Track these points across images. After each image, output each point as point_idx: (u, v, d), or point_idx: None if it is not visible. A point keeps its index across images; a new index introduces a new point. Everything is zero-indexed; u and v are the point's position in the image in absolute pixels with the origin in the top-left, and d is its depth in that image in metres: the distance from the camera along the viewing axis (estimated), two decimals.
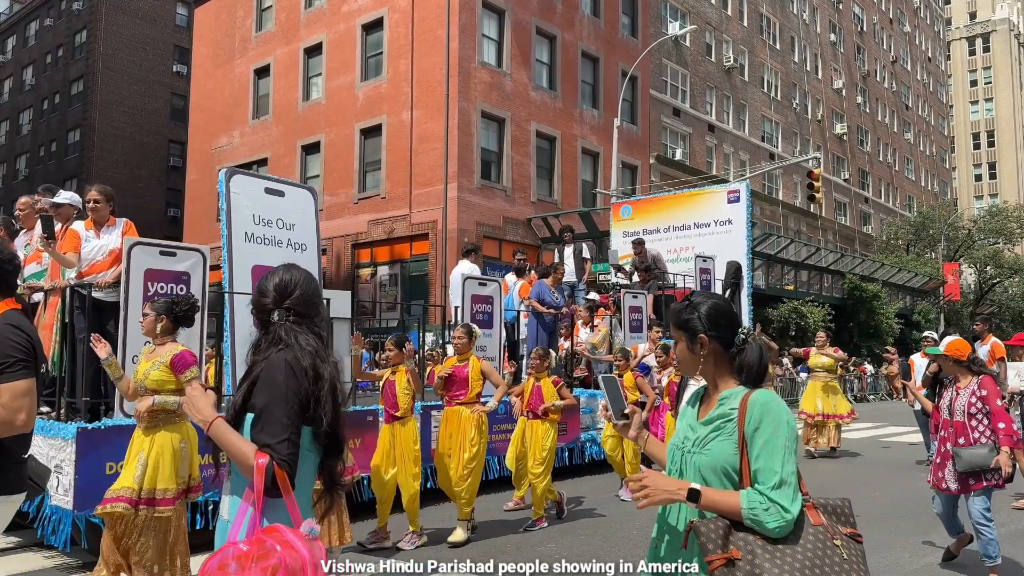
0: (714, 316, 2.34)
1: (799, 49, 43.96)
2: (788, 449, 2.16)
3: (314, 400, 2.28)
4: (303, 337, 2.36)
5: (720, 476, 2.23)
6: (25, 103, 49.45)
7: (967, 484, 5.24)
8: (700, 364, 2.36)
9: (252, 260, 7.68)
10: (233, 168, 8.08)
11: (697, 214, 15.91)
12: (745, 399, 2.23)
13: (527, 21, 26.11)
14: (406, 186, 24.48)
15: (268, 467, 2.16)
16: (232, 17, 31.02)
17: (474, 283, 9.68)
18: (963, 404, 5.32)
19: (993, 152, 77.71)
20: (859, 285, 33.04)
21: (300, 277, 2.48)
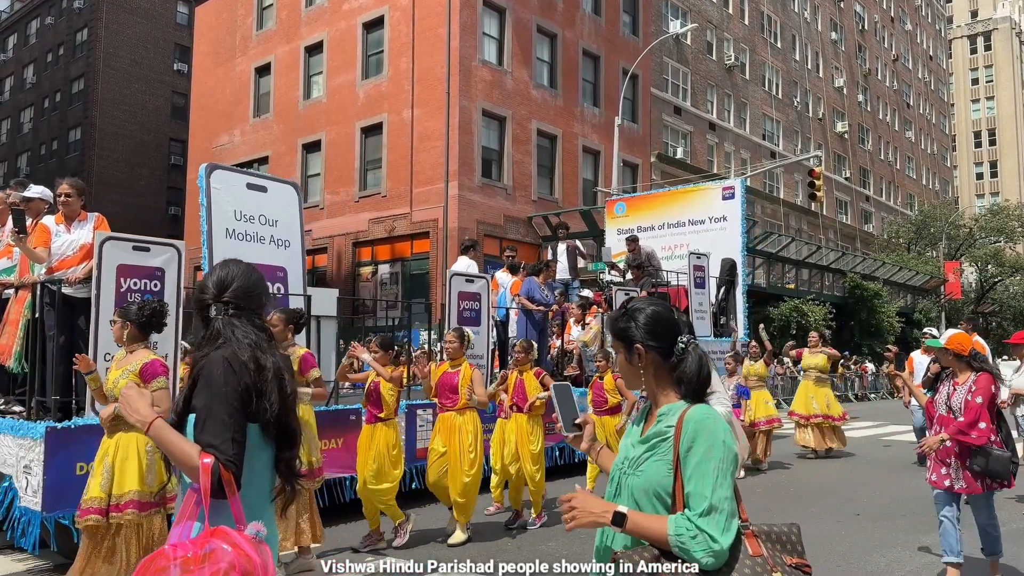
0: (652, 324, 2.15)
1: (800, 47, 43.92)
2: (722, 472, 1.97)
3: (256, 394, 2.22)
4: (241, 330, 2.30)
5: (652, 500, 2.05)
6: (26, 101, 49.46)
7: (974, 484, 5.06)
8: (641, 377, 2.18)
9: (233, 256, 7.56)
10: (214, 163, 7.97)
11: (692, 211, 15.76)
12: (682, 416, 2.05)
13: (528, 19, 26.09)
14: (407, 184, 24.47)
15: (214, 468, 2.09)
16: (233, 15, 31.00)
17: (461, 280, 9.48)
18: (960, 401, 5.16)
19: (994, 150, 77.63)
20: (860, 284, 33.01)
21: (239, 271, 2.43)
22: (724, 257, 14.36)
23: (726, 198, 15.24)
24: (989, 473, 4.98)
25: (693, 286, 13.20)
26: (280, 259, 8.05)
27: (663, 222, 16.03)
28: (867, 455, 12.37)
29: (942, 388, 5.34)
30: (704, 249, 14.25)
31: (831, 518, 7.66)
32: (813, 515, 7.81)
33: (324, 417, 7.27)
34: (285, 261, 8.10)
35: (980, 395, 5.02)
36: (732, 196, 15.17)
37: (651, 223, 16.12)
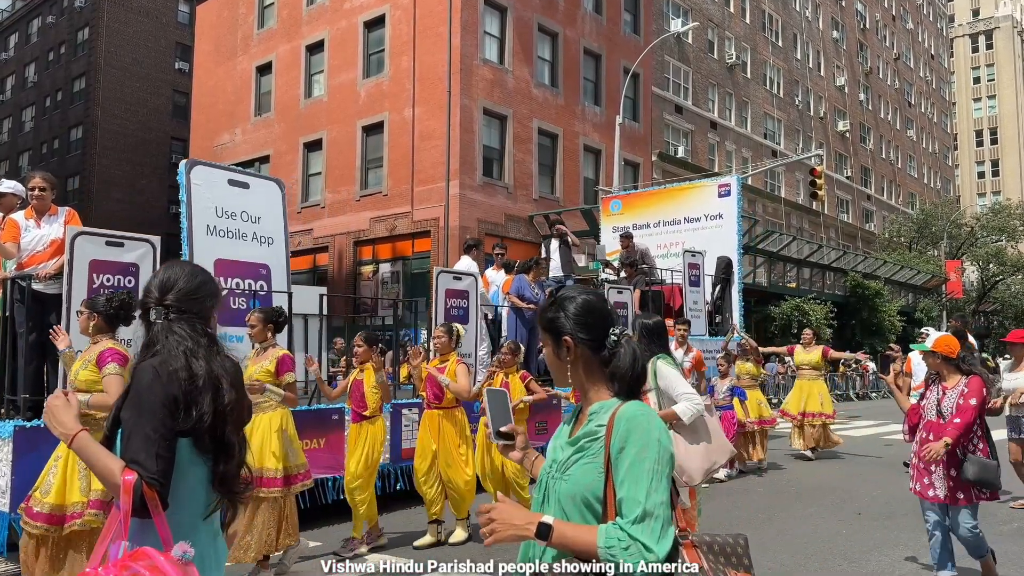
0: (582, 315, 2.00)
1: (801, 46, 43.88)
2: (657, 474, 1.80)
3: (185, 405, 2.08)
4: (177, 336, 2.17)
5: (581, 507, 1.88)
6: (27, 100, 49.48)
7: (956, 496, 4.87)
8: (569, 371, 2.01)
9: (215, 254, 7.50)
10: (194, 159, 7.88)
11: (687, 208, 15.55)
12: (614, 414, 1.88)
13: (529, 18, 26.08)
14: (408, 183, 24.47)
15: (136, 485, 1.96)
16: (234, 14, 31.00)
17: (448, 277, 9.32)
18: (950, 405, 4.96)
19: (996, 149, 77.55)
20: (861, 283, 33.00)
21: (183, 273, 2.30)
22: (720, 255, 14.21)
23: (722, 195, 15.02)
24: (980, 482, 4.81)
25: (688, 284, 13.07)
26: (263, 256, 7.98)
27: (659, 219, 15.84)
28: (868, 454, 12.36)
29: (930, 392, 5.13)
30: (700, 247, 14.10)
31: (832, 517, 7.66)
32: (814, 514, 7.81)
33: (306, 417, 7.25)
34: (268, 258, 8.04)
35: (974, 396, 4.88)
36: (728, 193, 14.96)
37: (647, 221, 15.93)
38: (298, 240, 27.41)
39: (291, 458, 5.56)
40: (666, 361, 4.84)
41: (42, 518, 4.51)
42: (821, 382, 11.86)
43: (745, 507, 8.22)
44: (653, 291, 12.79)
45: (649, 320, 5.11)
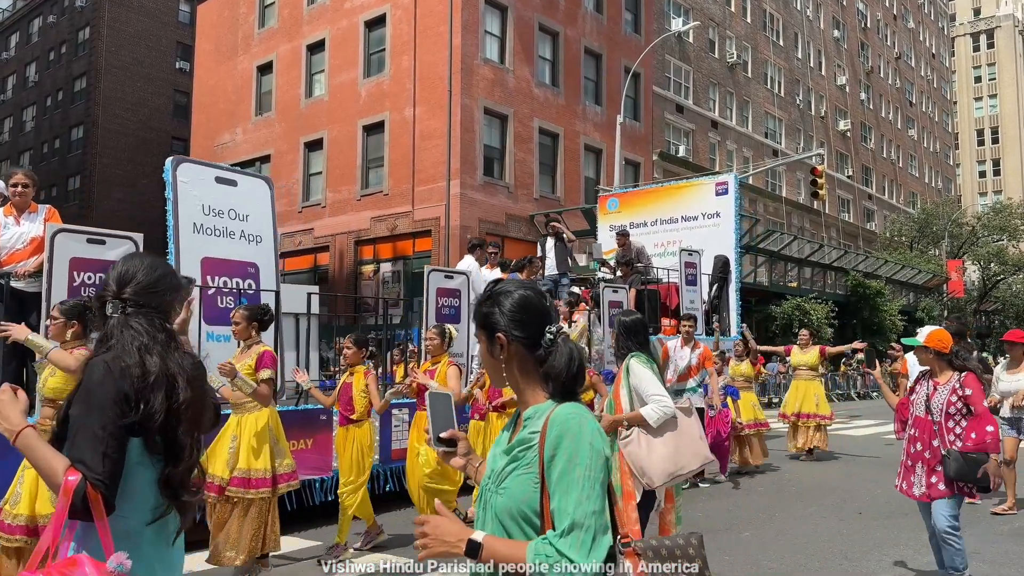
0: (518, 311, 1.88)
1: (802, 45, 43.86)
2: (589, 481, 1.69)
3: (135, 403, 1.98)
4: (132, 331, 2.07)
5: (519, 522, 1.76)
6: (28, 100, 49.50)
7: (938, 489, 4.71)
8: (503, 370, 1.91)
9: (201, 252, 7.43)
10: (181, 156, 7.82)
11: (685, 207, 15.37)
12: (547, 418, 1.77)
13: (530, 17, 26.08)
14: (409, 183, 24.47)
15: (78, 487, 1.86)
16: (235, 13, 31.01)
17: (440, 276, 9.20)
18: (941, 402, 4.77)
19: (997, 149, 77.48)
20: (862, 282, 32.99)
21: (142, 265, 2.21)
22: (717, 254, 14.10)
23: (719, 194, 14.83)
24: (962, 479, 4.62)
25: (684, 283, 12.93)
26: (251, 255, 7.92)
27: (656, 218, 15.67)
28: (869, 453, 12.35)
29: (920, 388, 4.97)
30: (697, 246, 13.97)
31: (833, 517, 7.66)
32: (814, 513, 7.81)
33: (294, 417, 7.22)
34: (256, 257, 7.97)
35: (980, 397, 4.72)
36: (726, 192, 14.75)
37: (644, 219, 15.73)
38: (299, 240, 27.43)
39: (278, 458, 5.49)
40: (639, 359, 4.67)
41: (20, 531, 4.38)
42: (818, 383, 11.76)
43: (746, 507, 8.22)
44: (649, 290, 12.67)
45: (627, 317, 4.94)
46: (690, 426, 4.57)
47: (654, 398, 4.48)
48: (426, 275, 9.00)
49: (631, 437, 4.48)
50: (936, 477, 4.69)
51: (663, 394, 4.51)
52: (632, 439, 4.46)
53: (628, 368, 4.64)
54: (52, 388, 4.45)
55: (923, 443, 4.80)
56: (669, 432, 4.45)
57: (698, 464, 4.51)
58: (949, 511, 4.71)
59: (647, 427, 4.43)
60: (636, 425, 4.47)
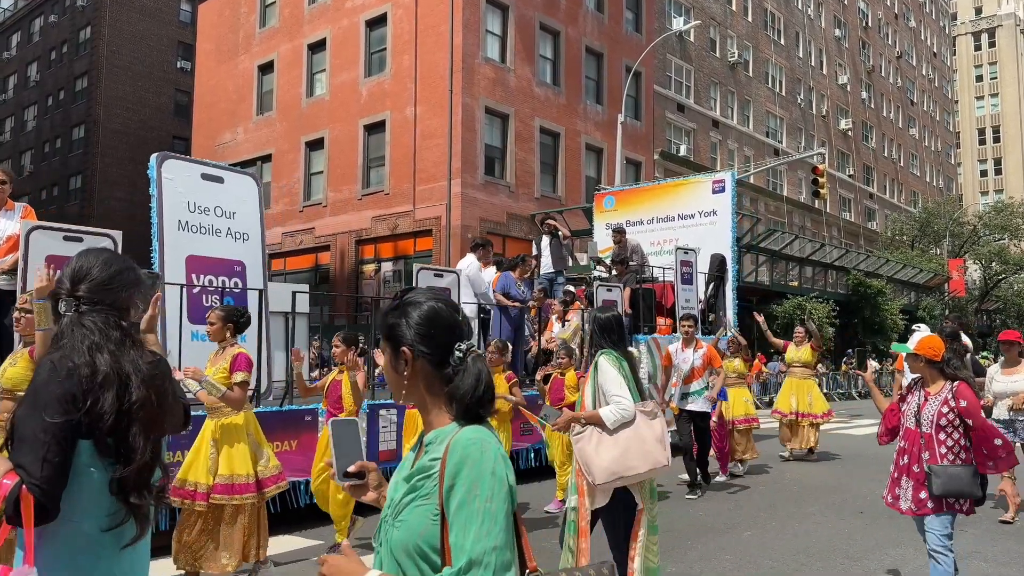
0: (425, 324, 1.73)
1: (804, 44, 43.83)
2: (489, 514, 1.55)
3: (83, 403, 1.90)
4: (83, 330, 2.00)
5: (415, 559, 1.61)
6: (29, 99, 49.53)
7: (927, 506, 4.45)
8: (406, 387, 1.76)
9: (186, 250, 7.35)
10: (166, 152, 7.70)
11: (681, 205, 15.14)
12: (448, 444, 1.63)
13: (531, 16, 26.07)
14: (410, 182, 24.47)
15: (11, 491, 1.78)
16: (236, 13, 31.02)
17: (429, 274, 8.98)
18: (932, 414, 4.49)
19: (998, 148, 77.42)
20: (864, 281, 32.98)
21: (97, 261, 2.13)
22: (713, 253, 13.90)
23: (716, 191, 14.62)
24: (949, 495, 4.37)
25: (680, 282, 12.73)
26: (238, 252, 7.82)
27: (652, 216, 15.47)
28: (869, 453, 12.32)
29: (911, 398, 4.71)
30: (694, 244, 13.81)
31: (834, 516, 7.65)
32: (816, 513, 7.81)
33: (278, 418, 7.15)
34: (243, 255, 7.87)
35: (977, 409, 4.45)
36: (722, 189, 14.54)
37: (640, 217, 15.53)
38: (300, 239, 27.45)
39: (261, 461, 5.36)
40: (609, 357, 4.52)
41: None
42: (812, 382, 11.63)
43: (746, 506, 8.21)
44: (644, 289, 12.53)
45: (602, 313, 4.78)
46: (649, 429, 4.36)
47: (615, 399, 4.35)
48: (415, 273, 8.87)
49: (584, 433, 4.38)
50: (925, 493, 4.46)
51: (625, 396, 4.35)
52: (584, 436, 4.36)
53: (596, 365, 4.53)
54: (10, 378, 4.29)
55: (912, 456, 4.55)
56: (624, 433, 4.30)
57: (647, 468, 4.24)
58: (940, 528, 4.45)
59: (604, 427, 4.33)
60: (594, 424, 4.36)
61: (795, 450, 11.44)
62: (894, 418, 4.78)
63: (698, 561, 6.01)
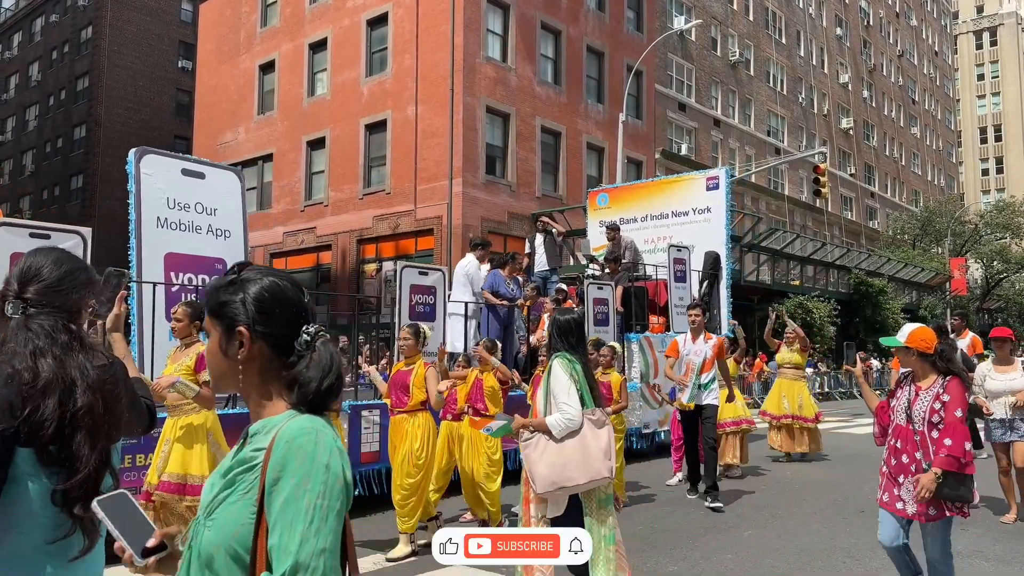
0: (267, 301, 1.52)
1: (805, 43, 43.81)
2: (320, 512, 1.37)
3: (22, 411, 1.81)
4: (28, 333, 1.91)
5: (228, 563, 1.41)
6: (31, 99, 49.56)
7: (929, 511, 4.15)
8: (240, 374, 1.53)
9: (165, 247, 7.21)
10: (146, 147, 7.55)
11: (675, 202, 14.90)
12: (276, 434, 1.43)
13: (532, 16, 26.06)
14: (411, 181, 24.48)
15: None
16: (237, 13, 31.02)
17: (413, 272, 8.68)
18: (923, 410, 4.25)
19: (1000, 147, 77.35)
20: (865, 280, 32.97)
21: (46, 261, 2.03)
22: (707, 250, 13.68)
23: (710, 188, 14.37)
24: (954, 498, 4.12)
25: (673, 280, 12.54)
26: (218, 250, 7.66)
27: (646, 214, 15.26)
28: (869, 451, 12.26)
29: (900, 393, 4.45)
30: (688, 241, 13.67)
31: (835, 515, 7.65)
32: (816, 512, 7.80)
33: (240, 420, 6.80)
34: (224, 252, 7.69)
35: (958, 406, 4.18)
36: (716, 186, 14.30)
37: (634, 215, 15.34)
38: (301, 238, 27.46)
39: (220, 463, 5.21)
40: (562, 361, 4.30)
41: None
42: (803, 383, 11.41)
43: (748, 506, 8.21)
44: (636, 287, 12.39)
45: (562, 315, 4.57)
46: (594, 438, 4.17)
47: (562, 407, 4.17)
48: (398, 272, 8.60)
49: (532, 440, 4.24)
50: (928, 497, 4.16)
51: (572, 403, 4.16)
52: (532, 442, 4.23)
53: (550, 368, 4.33)
54: None
55: (908, 455, 4.27)
56: (569, 442, 4.14)
57: (585, 480, 4.07)
58: (941, 535, 4.24)
59: (552, 436, 4.17)
60: (541, 432, 4.22)
61: (793, 453, 11.21)
62: (886, 416, 4.55)
63: (700, 560, 6.01)
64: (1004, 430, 7.20)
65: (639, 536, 6.83)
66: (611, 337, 10.84)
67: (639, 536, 6.83)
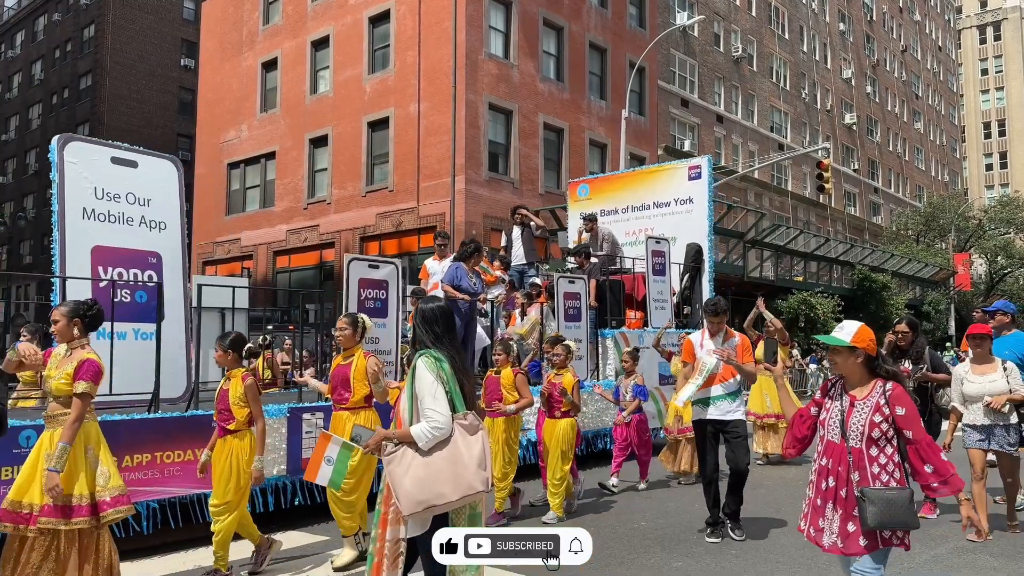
0: None
1: (808, 38, 43.70)
2: None
3: None
4: None
5: None
6: (34, 98, 49.64)
7: (858, 543, 3.48)
8: None
9: (92, 240, 6.80)
10: (70, 134, 7.15)
11: (658, 192, 14.33)
12: None
13: (534, 12, 26.03)
14: (414, 179, 24.48)
15: None
16: (239, 10, 31.03)
17: (363, 265, 8.12)
18: (861, 423, 3.54)
19: (1004, 141, 77.15)
20: (869, 276, 32.89)
21: None
22: (689, 242, 13.29)
23: (692, 178, 13.81)
24: (882, 524, 3.42)
25: (652, 273, 12.01)
26: (153, 243, 7.24)
27: (627, 205, 14.71)
28: None
29: (831, 405, 3.69)
30: (669, 233, 13.20)
31: None
32: None
33: (178, 424, 6.56)
34: (160, 245, 7.28)
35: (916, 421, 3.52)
36: (699, 175, 13.71)
37: (615, 206, 14.82)
38: (304, 236, 27.48)
39: (100, 480, 4.53)
40: (428, 360, 3.69)
41: None
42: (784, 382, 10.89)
43: (751, 503, 8.19)
44: (612, 280, 11.91)
45: (426, 304, 3.92)
46: (466, 448, 3.61)
47: (428, 413, 3.58)
48: (345, 264, 7.95)
49: (396, 453, 3.61)
50: (854, 524, 3.50)
51: (439, 409, 3.58)
52: (396, 455, 3.60)
53: (414, 369, 3.70)
54: None
55: (837, 477, 3.56)
56: (438, 454, 3.58)
57: (458, 496, 3.53)
58: (872, 570, 3.51)
59: (417, 447, 3.60)
60: (406, 443, 3.61)
61: (771, 455, 10.52)
62: (804, 426, 3.82)
63: (704, 556, 6.01)
64: (982, 437, 6.58)
65: (642, 532, 6.84)
66: (583, 334, 10.58)
67: (642, 532, 6.84)
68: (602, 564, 5.70)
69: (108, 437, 4.79)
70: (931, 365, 7.33)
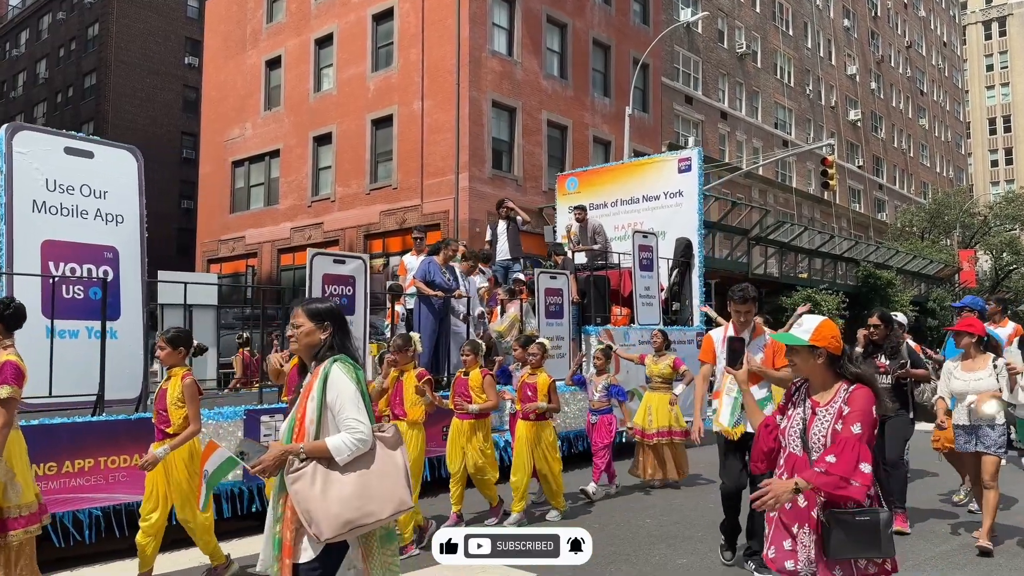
0: None
1: (812, 35, 43.60)
2: None
3: None
4: None
5: None
6: (39, 96, 49.75)
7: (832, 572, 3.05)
8: None
9: (43, 234, 6.52)
10: (20, 123, 6.92)
11: (647, 186, 14.02)
12: None
13: (537, 9, 26.00)
14: (417, 176, 24.49)
15: None
16: (243, 8, 31.05)
17: (327, 260, 7.89)
18: (823, 433, 3.16)
19: (1009, 137, 76.91)
20: (873, 272, 32.83)
21: None
22: (679, 237, 12.95)
23: (682, 171, 13.51)
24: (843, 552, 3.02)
25: (639, 268, 11.69)
26: (109, 237, 6.93)
27: (616, 199, 14.52)
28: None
29: (793, 412, 3.31)
30: (659, 227, 13.00)
31: None
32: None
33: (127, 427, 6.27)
34: (116, 240, 6.98)
35: (858, 420, 3.05)
36: (689, 168, 13.46)
37: (604, 200, 14.61)
38: (308, 234, 27.50)
39: (11, 494, 4.24)
40: (345, 367, 3.27)
41: None
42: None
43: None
44: (596, 276, 11.65)
45: (322, 304, 3.46)
46: (391, 460, 3.28)
47: (351, 423, 3.18)
48: (309, 260, 7.68)
49: (304, 471, 3.15)
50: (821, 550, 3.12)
51: (361, 419, 3.20)
52: (304, 473, 3.15)
53: (327, 376, 3.25)
54: None
55: (805, 495, 3.11)
56: (360, 468, 3.20)
57: (390, 512, 3.21)
58: None
59: (331, 462, 3.17)
60: (318, 458, 3.17)
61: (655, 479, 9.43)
62: (770, 437, 3.41)
63: (708, 553, 6.03)
64: (968, 438, 6.29)
65: (647, 529, 6.85)
66: (565, 331, 10.40)
67: (647, 529, 6.85)
68: (607, 561, 5.72)
69: (46, 441, 4.55)
70: (910, 360, 6.94)
